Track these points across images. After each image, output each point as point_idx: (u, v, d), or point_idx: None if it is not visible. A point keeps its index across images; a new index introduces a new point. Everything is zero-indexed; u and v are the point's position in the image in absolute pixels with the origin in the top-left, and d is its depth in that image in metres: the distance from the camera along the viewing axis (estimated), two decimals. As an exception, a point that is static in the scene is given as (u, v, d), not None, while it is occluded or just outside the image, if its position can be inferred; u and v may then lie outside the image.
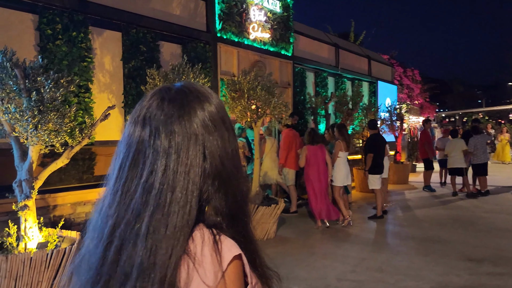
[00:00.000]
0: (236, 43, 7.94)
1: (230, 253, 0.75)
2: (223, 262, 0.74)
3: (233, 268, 0.75)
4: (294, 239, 6.30)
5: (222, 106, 0.85)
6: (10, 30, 4.82)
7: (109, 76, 5.88)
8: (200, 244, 0.74)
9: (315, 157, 6.94)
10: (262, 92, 6.15)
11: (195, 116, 0.79)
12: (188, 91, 0.83)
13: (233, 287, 0.75)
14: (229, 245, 0.77)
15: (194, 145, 0.78)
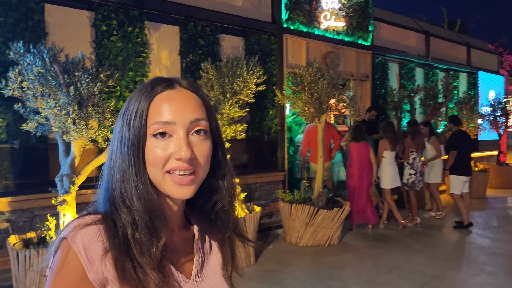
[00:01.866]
0: (305, 34, 7.45)
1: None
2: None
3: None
4: (359, 247, 5.68)
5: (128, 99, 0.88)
6: (68, 27, 4.94)
7: (166, 71, 5.82)
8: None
9: (358, 155, 6.41)
10: (324, 85, 5.61)
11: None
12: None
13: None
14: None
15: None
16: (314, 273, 4.63)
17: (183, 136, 0.82)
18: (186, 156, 0.80)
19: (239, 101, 5.12)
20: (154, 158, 0.81)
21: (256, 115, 6.75)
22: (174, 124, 0.81)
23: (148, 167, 0.82)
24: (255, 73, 5.15)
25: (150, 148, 0.82)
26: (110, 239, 0.78)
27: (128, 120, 0.83)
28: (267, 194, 6.86)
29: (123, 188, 0.82)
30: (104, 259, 0.76)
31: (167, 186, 0.82)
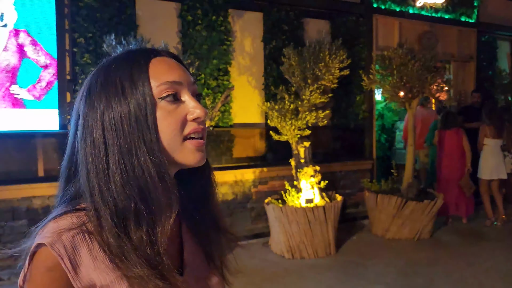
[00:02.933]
0: (398, 13, 6.95)
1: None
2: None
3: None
4: (454, 243, 5.22)
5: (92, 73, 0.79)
6: (157, 19, 5.20)
7: (249, 58, 5.85)
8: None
9: (449, 143, 6.04)
10: (415, 68, 5.19)
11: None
12: None
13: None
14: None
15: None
16: (398, 268, 4.36)
17: (191, 97, 0.77)
18: (203, 114, 0.75)
19: (321, 87, 4.97)
20: (169, 123, 0.73)
21: (342, 101, 6.51)
22: (181, 84, 0.76)
23: (162, 136, 0.73)
24: (338, 57, 4.94)
25: (161, 114, 0.73)
26: (103, 234, 0.69)
27: (120, 92, 0.72)
28: (353, 183, 6.61)
29: (119, 174, 0.71)
30: (90, 262, 0.68)
31: (185, 153, 0.75)
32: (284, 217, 4.63)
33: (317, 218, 4.64)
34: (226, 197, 5.52)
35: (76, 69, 4.68)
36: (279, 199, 5.07)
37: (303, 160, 4.98)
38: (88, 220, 0.70)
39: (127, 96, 0.72)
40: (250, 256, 4.76)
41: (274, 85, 5.71)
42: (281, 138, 4.90)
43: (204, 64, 5.33)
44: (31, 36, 4.42)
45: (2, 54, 4.28)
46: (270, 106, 4.88)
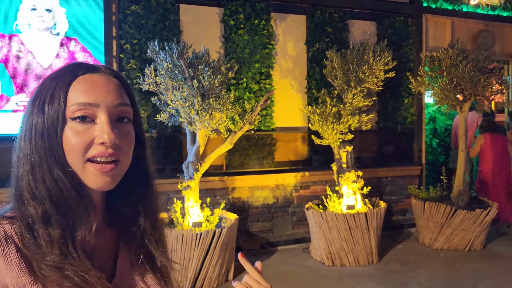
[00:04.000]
0: (450, 12, 6.62)
1: None
2: None
3: None
4: (508, 256, 4.87)
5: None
6: (199, 24, 5.30)
7: (292, 61, 5.80)
8: None
9: (493, 147, 5.89)
10: (466, 69, 4.91)
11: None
12: None
13: None
14: None
15: None
16: (444, 280, 4.13)
17: (105, 119, 0.76)
18: (110, 139, 0.74)
19: (364, 90, 4.83)
20: (73, 144, 0.74)
21: (389, 104, 6.30)
22: (97, 106, 0.76)
23: (66, 154, 0.75)
24: (383, 59, 4.78)
25: (68, 133, 0.75)
26: (21, 237, 0.71)
27: (41, 104, 0.76)
28: (400, 189, 6.36)
29: (32, 180, 0.74)
30: (4, 266, 0.69)
31: (87, 175, 0.75)
32: (324, 223, 4.54)
33: (359, 225, 4.50)
34: (267, 201, 5.51)
35: (122, 74, 4.85)
36: (320, 204, 4.98)
37: (345, 165, 4.86)
38: (9, 224, 0.73)
39: (44, 109, 0.75)
40: (289, 262, 4.71)
41: (317, 88, 5.64)
42: (323, 142, 4.81)
43: (246, 68, 5.36)
44: (81, 44, 4.65)
45: (54, 61, 4.53)
46: (312, 109, 4.81)
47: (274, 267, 4.55)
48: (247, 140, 5.44)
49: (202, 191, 4.80)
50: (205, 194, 4.88)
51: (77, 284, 0.70)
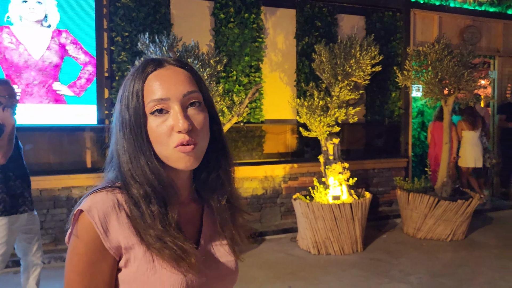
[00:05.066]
0: (438, 7, 6.74)
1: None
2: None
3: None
4: (488, 245, 5.03)
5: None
6: (190, 17, 5.36)
7: (281, 54, 5.89)
8: None
9: (437, 134, 6.45)
10: (451, 64, 5.03)
11: None
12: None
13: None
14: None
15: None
16: (426, 268, 4.28)
17: (178, 109, 0.85)
18: (184, 127, 0.84)
19: (351, 83, 4.93)
20: (157, 135, 0.86)
21: (377, 97, 6.42)
22: (168, 99, 0.86)
23: (154, 144, 0.87)
24: (370, 54, 4.88)
25: (151, 126, 0.86)
26: (129, 207, 0.86)
27: (126, 102, 0.88)
28: (387, 181, 6.51)
29: (132, 168, 0.87)
30: (118, 228, 0.83)
31: (172, 158, 0.86)
32: (310, 213, 4.66)
33: (344, 215, 4.63)
34: (256, 192, 5.62)
35: (113, 66, 4.93)
36: (307, 195, 5.10)
37: (331, 157, 4.98)
38: (121, 193, 0.87)
39: (129, 107, 0.87)
40: (277, 250, 4.84)
41: (306, 81, 5.74)
42: (310, 134, 4.93)
43: (236, 61, 5.44)
44: (72, 36, 4.70)
45: (45, 53, 4.59)
46: (300, 102, 4.91)
47: (262, 255, 4.67)
48: (237, 132, 5.54)
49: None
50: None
51: (175, 252, 0.84)
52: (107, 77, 4.98)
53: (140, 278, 0.84)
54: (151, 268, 0.84)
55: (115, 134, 0.90)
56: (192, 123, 0.86)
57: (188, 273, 0.86)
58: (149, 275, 0.84)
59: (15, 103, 2.93)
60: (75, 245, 0.83)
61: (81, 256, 0.82)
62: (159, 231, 0.84)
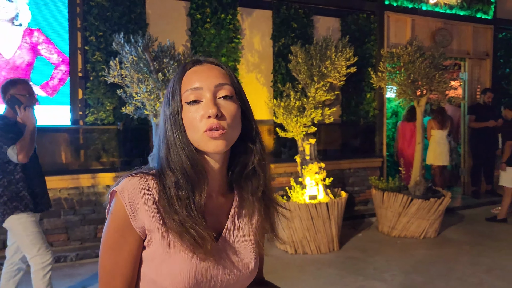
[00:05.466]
0: (410, 10, 6.89)
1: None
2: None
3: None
4: (459, 242, 5.18)
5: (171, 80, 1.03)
6: (166, 17, 5.33)
7: (258, 55, 5.92)
8: None
9: (410, 133, 6.90)
10: (423, 65, 5.16)
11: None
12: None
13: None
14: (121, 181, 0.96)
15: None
16: (399, 265, 4.37)
17: (210, 97, 0.95)
18: (213, 113, 0.92)
19: (327, 84, 5.00)
20: (190, 121, 0.95)
21: (352, 98, 6.52)
22: (201, 89, 0.95)
23: (189, 132, 0.96)
24: (345, 55, 4.95)
25: (186, 115, 0.96)
26: (158, 194, 0.94)
27: (168, 96, 0.99)
28: (363, 181, 6.61)
29: (169, 155, 0.96)
30: (144, 210, 0.92)
31: (202, 142, 0.95)
32: (286, 213, 4.69)
33: (320, 215, 4.69)
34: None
35: (87, 66, 4.85)
36: (284, 195, 5.14)
37: (308, 157, 5.03)
38: (152, 180, 0.95)
39: (170, 100, 0.99)
40: (254, 251, 4.84)
41: (282, 82, 5.78)
42: (287, 135, 4.96)
43: (213, 61, 5.43)
44: (44, 35, 4.61)
45: (17, 52, 4.48)
46: (276, 103, 4.94)
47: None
48: (214, 133, 5.53)
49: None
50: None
51: (194, 238, 0.91)
52: (80, 77, 4.89)
53: (157, 260, 0.92)
54: (166, 252, 0.92)
55: (159, 128, 1.01)
56: (222, 111, 0.95)
57: (201, 260, 0.93)
58: (164, 258, 0.92)
59: (34, 102, 3.01)
60: (109, 221, 0.93)
61: (112, 231, 0.93)
62: (183, 216, 0.92)
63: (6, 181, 2.91)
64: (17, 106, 2.89)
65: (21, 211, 2.91)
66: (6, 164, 2.90)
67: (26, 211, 2.92)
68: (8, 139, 2.83)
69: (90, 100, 4.88)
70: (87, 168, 4.94)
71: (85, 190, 4.79)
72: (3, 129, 2.86)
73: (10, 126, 2.90)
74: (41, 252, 2.95)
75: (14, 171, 2.92)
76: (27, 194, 2.93)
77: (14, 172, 2.92)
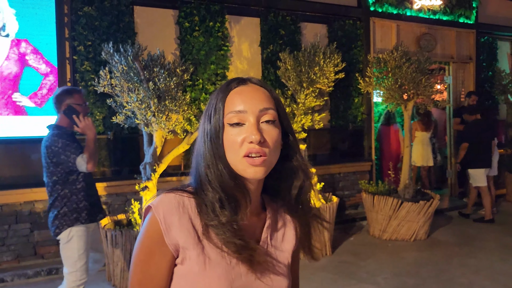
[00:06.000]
0: (395, 16, 7.01)
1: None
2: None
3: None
4: (449, 244, 5.26)
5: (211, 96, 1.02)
6: (154, 26, 5.33)
7: (247, 62, 5.95)
8: None
9: (387, 136, 7.41)
10: (409, 70, 5.25)
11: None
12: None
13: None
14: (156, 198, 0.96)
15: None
16: (391, 268, 4.43)
17: (253, 122, 0.94)
18: (256, 139, 0.91)
19: (316, 90, 5.05)
20: (231, 143, 0.94)
21: (341, 103, 6.59)
22: (245, 112, 0.94)
23: (227, 153, 0.95)
24: (333, 61, 5.02)
25: (227, 136, 0.95)
26: (196, 211, 0.94)
27: (209, 115, 0.98)
28: (352, 185, 6.68)
29: (208, 173, 0.95)
30: (178, 228, 0.91)
31: (241, 167, 0.94)
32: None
33: (312, 220, 4.71)
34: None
35: (76, 76, 4.83)
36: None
37: (299, 163, 5.06)
38: (188, 198, 0.95)
39: (211, 118, 0.97)
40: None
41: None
42: (277, 141, 4.99)
43: (202, 69, 5.46)
44: (32, 45, 4.57)
45: (4, 63, 4.44)
46: (266, 110, 4.97)
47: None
48: (204, 140, 5.53)
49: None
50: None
51: (241, 244, 0.92)
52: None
53: (190, 277, 0.92)
54: (202, 270, 0.91)
55: (198, 142, 1.00)
56: (264, 137, 0.94)
57: (237, 279, 0.93)
58: (200, 276, 0.91)
59: (88, 110, 3.10)
60: (142, 235, 0.93)
61: (143, 246, 0.93)
62: (228, 234, 0.91)
63: (68, 191, 2.91)
64: (75, 115, 2.90)
65: (81, 223, 2.92)
66: (68, 174, 2.91)
67: (86, 222, 2.93)
68: (75, 148, 2.85)
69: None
70: (78, 178, 4.89)
71: (75, 201, 4.74)
72: (67, 139, 2.88)
73: (71, 136, 2.95)
74: (81, 269, 2.92)
75: (76, 181, 2.94)
76: (87, 204, 2.95)
77: (76, 182, 2.94)
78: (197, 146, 1.01)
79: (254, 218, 1.03)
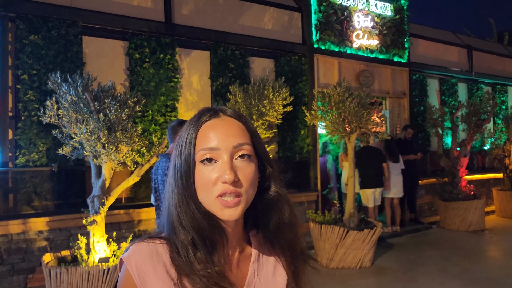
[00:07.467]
0: (337, 53, 7.45)
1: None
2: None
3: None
4: (392, 270, 5.50)
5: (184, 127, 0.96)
6: (104, 57, 5.28)
7: (197, 94, 6.02)
8: None
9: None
10: (352, 105, 5.57)
11: None
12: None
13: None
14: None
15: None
16: (340, 296, 4.55)
17: (227, 160, 0.88)
18: (229, 179, 0.86)
19: (266, 123, 5.20)
20: (203, 182, 0.88)
21: (288, 135, 6.80)
22: (218, 149, 0.89)
23: (199, 192, 0.89)
24: (282, 95, 5.22)
25: (198, 174, 0.89)
26: (170, 257, 0.89)
27: (180, 149, 0.92)
28: (300, 214, 6.75)
29: (180, 212, 0.90)
30: (153, 278, 0.87)
31: (215, 208, 0.88)
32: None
33: (263, 250, 4.75)
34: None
35: (19, 106, 4.63)
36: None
37: (249, 194, 5.12)
38: (161, 244, 0.90)
39: (182, 153, 0.91)
40: None
41: (221, 120, 5.88)
42: (228, 172, 5.03)
43: (152, 100, 5.44)
44: (-29, 73, 4.35)
45: None
46: (217, 141, 5.02)
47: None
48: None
49: (107, 225, 4.67)
50: (110, 228, 4.77)
51: None
52: (11, 117, 4.65)
53: None
54: None
55: (168, 178, 0.94)
56: (239, 175, 0.88)
57: None
58: None
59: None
60: None
61: None
62: (205, 281, 0.86)
63: None
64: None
65: None
66: None
67: None
68: None
69: (22, 141, 4.63)
70: (17, 213, 4.62)
71: (14, 237, 4.46)
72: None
73: None
74: None
75: None
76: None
77: None
78: (167, 182, 0.94)
79: (237, 254, 0.98)
